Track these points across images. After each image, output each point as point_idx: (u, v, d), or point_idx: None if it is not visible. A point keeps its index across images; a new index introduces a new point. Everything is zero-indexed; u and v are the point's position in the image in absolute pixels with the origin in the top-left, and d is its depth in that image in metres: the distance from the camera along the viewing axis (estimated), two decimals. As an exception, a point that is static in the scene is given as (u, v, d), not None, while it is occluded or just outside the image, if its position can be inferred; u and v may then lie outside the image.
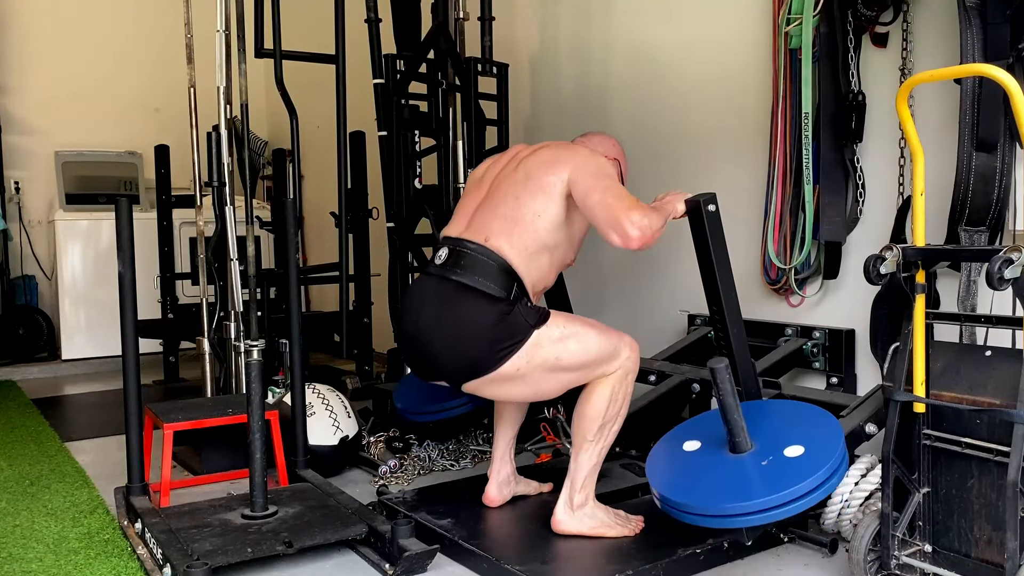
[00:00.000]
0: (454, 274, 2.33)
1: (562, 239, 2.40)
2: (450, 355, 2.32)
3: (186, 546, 2.30)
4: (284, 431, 3.00)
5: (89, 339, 5.70)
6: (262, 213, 5.30)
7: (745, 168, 3.24)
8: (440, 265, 2.39)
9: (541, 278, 2.42)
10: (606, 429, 2.36)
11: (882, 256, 2.03)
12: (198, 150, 4.00)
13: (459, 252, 2.36)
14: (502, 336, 2.26)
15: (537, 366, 2.29)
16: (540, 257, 2.37)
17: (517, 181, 2.40)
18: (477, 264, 2.32)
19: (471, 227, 2.41)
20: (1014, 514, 1.82)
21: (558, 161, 2.38)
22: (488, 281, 2.30)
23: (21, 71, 6.22)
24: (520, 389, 2.35)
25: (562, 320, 2.35)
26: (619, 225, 2.21)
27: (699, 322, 3.46)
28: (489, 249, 2.33)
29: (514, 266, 2.32)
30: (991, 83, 2.06)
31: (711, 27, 3.40)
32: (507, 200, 2.39)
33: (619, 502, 2.58)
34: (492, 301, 2.28)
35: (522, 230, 2.34)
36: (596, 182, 2.31)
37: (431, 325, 2.34)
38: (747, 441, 2.14)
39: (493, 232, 2.35)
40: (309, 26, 4.42)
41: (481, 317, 2.27)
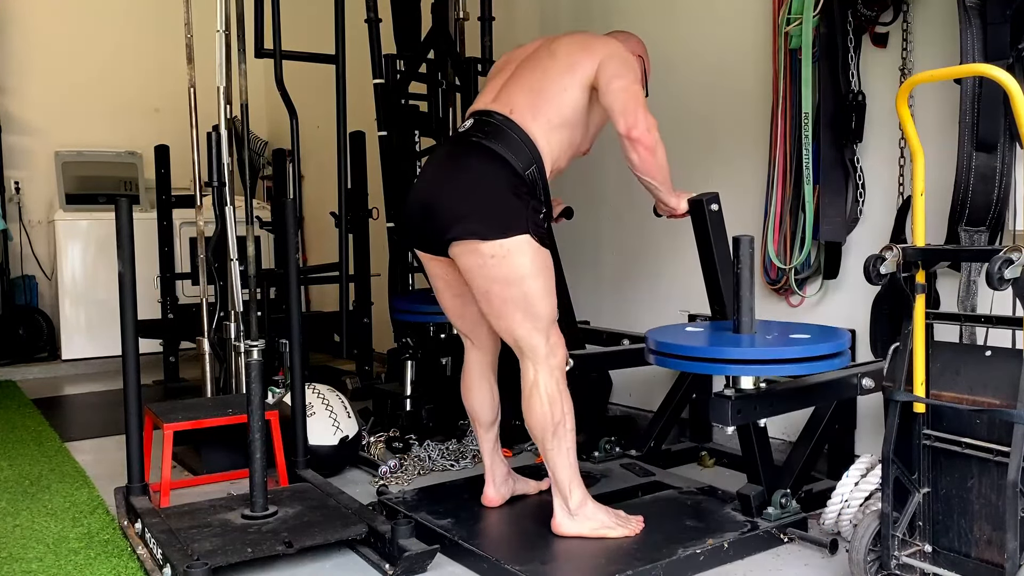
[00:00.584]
0: (476, 137, 2.37)
1: (581, 121, 2.44)
2: (451, 202, 2.33)
3: (186, 546, 2.29)
4: (284, 431, 3.00)
5: (89, 339, 5.70)
6: (262, 213, 5.29)
7: (745, 168, 3.24)
8: (463, 132, 2.43)
9: (560, 154, 2.44)
10: (559, 430, 2.35)
11: (882, 256, 2.03)
12: (198, 150, 4.00)
13: (484, 121, 2.40)
14: (504, 210, 2.28)
15: (505, 266, 2.28)
16: (561, 132, 2.41)
17: (544, 59, 2.45)
18: (500, 133, 2.35)
19: (497, 100, 2.44)
20: (1014, 514, 1.82)
21: (590, 46, 2.43)
22: (509, 151, 2.32)
23: (21, 71, 6.22)
24: (479, 279, 2.32)
25: (545, 262, 2.34)
26: (632, 114, 2.30)
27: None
28: (513, 121, 2.36)
29: (536, 141, 2.35)
30: (991, 83, 2.06)
31: (711, 27, 3.40)
32: (535, 73, 2.43)
33: (619, 502, 2.58)
34: (509, 171, 2.31)
35: (546, 101, 2.38)
36: (626, 72, 2.38)
37: (443, 179, 2.38)
38: (752, 323, 2.17)
39: (518, 105, 2.39)
40: (309, 26, 4.42)
41: (494, 179, 2.31)
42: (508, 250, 2.27)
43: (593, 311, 3.87)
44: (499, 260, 2.27)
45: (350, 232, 4.07)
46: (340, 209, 3.75)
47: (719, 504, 2.60)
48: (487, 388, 2.64)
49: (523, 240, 2.28)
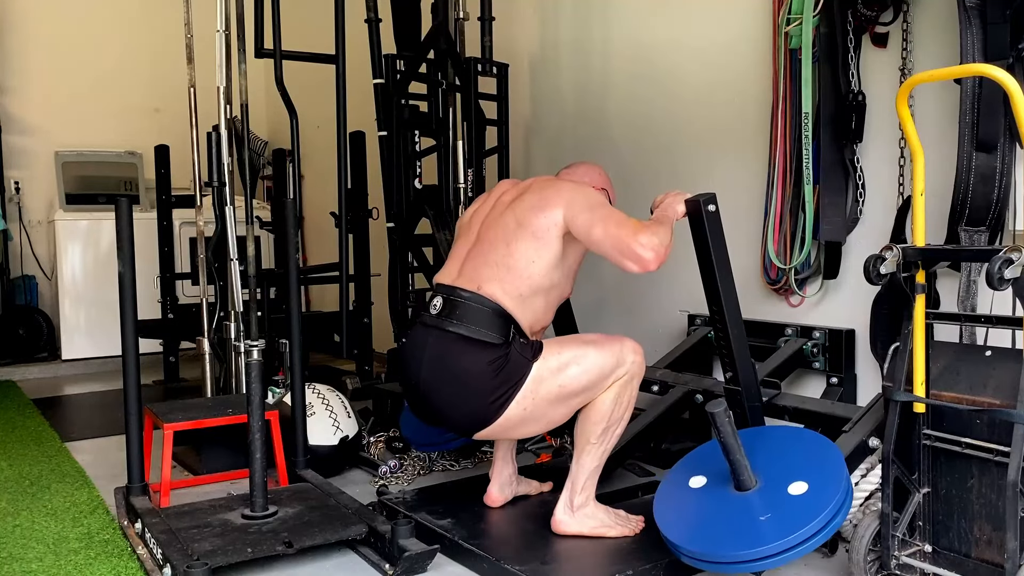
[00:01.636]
0: (450, 324, 2.33)
1: (558, 278, 2.40)
2: (455, 409, 2.34)
3: (186, 546, 2.29)
4: (284, 431, 3.00)
5: (89, 339, 5.70)
6: (262, 213, 5.30)
7: (745, 168, 3.25)
8: (436, 315, 2.39)
9: (537, 320, 2.42)
10: (609, 432, 2.36)
11: (882, 256, 2.03)
12: (198, 150, 4.00)
13: (453, 301, 2.36)
14: (503, 380, 2.28)
15: (542, 400, 2.30)
16: (535, 300, 2.37)
17: (508, 227, 2.39)
18: (471, 312, 2.32)
19: (463, 274, 2.41)
20: (1014, 514, 1.82)
21: (547, 203, 2.36)
22: (484, 328, 2.30)
23: (21, 71, 6.22)
24: (532, 426, 2.38)
25: (556, 347, 2.35)
26: (631, 252, 2.21)
27: (699, 322, 3.46)
28: (483, 296, 2.33)
29: (508, 310, 2.33)
30: (991, 83, 2.06)
31: (711, 27, 3.40)
32: (497, 247, 2.38)
33: (619, 502, 2.58)
34: (489, 348, 2.29)
35: (515, 276, 2.34)
36: (592, 215, 2.29)
37: (433, 378, 2.36)
38: (751, 479, 2.15)
39: (484, 279, 2.35)
40: (309, 26, 4.42)
41: (481, 364, 2.29)
42: (531, 395, 2.29)
43: (593, 311, 3.87)
44: (533, 405, 2.30)
45: (350, 232, 4.07)
46: (340, 209, 3.75)
47: (719, 504, 2.59)
48: None
49: (532, 375, 2.29)
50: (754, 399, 2.53)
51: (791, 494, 2.09)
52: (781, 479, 2.15)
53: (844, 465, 2.13)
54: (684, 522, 2.21)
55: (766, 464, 2.20)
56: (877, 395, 2.52)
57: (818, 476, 2.11)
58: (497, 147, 3.95)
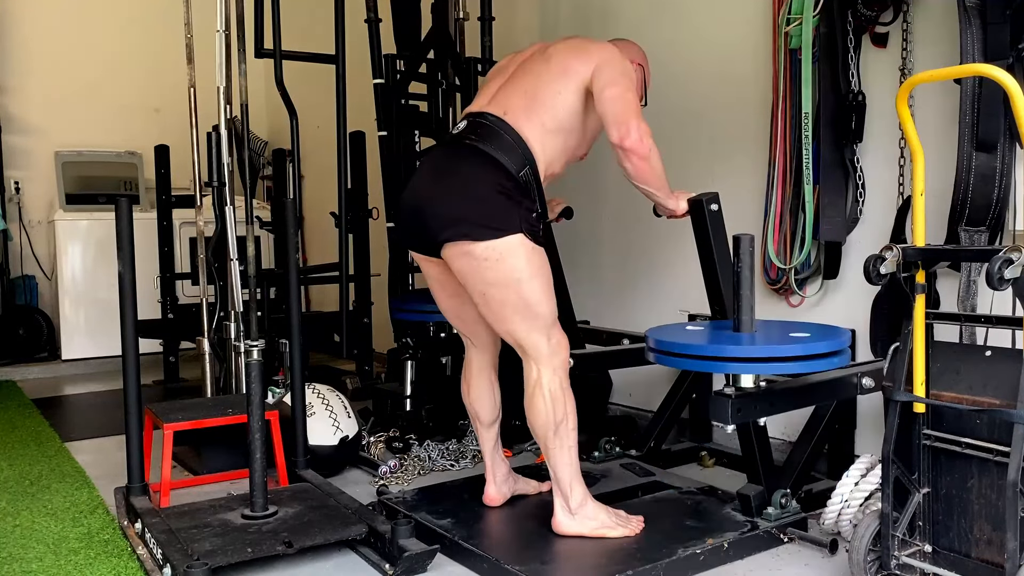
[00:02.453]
0: (469, 139, 2.36)
1: (576, 126, 2.42)
2: (444, 204, 2.32)
3: (186, 546, 2.29)
4: (284, 431, 3.00)
5: (89, 339, 5.70)
6: (262, 213, 5.30)
7: (745, 168, 3.25)
8: (456, 134, 2.42)
9: (554, 158, 2.42)
10: (561, 429, 2.35)
11: (882, 256, 2.03)
12: (198, 150, 4.00)
13: (477, 123, 2.39)
14: (496, 211, 2.27)
15: (501, 268, 2.27)
16: (555, 137, 2.39)
17: (540, 64, 2.44)
18: (493, 134, 2.34)
19: (492, 102, 2.43)
20: (1014, 514, 1.82)
21: (586, 51, 2.41)
22: (502, 153, 2.31)
23: (21, 71, 6.22)
24: (474, 281, 2.31)
25: (541, 261, 2.33)
26: (626, 123, 2.26)
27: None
28: (507, 123, 2.35)
29: (529, 143, 2.34)
30: (991, 83, 2.06)
31: (711, 27, 3.40)
32: (529, 77, 2.42)
33: (619, 502, 2.58)
34: (501, 172, 2.30)
35: (540, 105, 2.37)
36: (621, 79, 2.35)
37: (436, 181, 2.36)
38: (752, 322, 2.16)
39: (512, 107, 2.38)
40: (309, 26, 4.42)
41: (486, 181, 2.29)
42: (501, 252, 2.26)
43: (593, 311, 3.87)
44: (493, 263, 2.26)
45: (350, 232, 4.06)
46: (340, 209, 3.75)
47: (719, 504, 2.60)
48: (487, 387, 2.64)
49: (516, 241, 2.26)
50: (754, 399, 2.53)
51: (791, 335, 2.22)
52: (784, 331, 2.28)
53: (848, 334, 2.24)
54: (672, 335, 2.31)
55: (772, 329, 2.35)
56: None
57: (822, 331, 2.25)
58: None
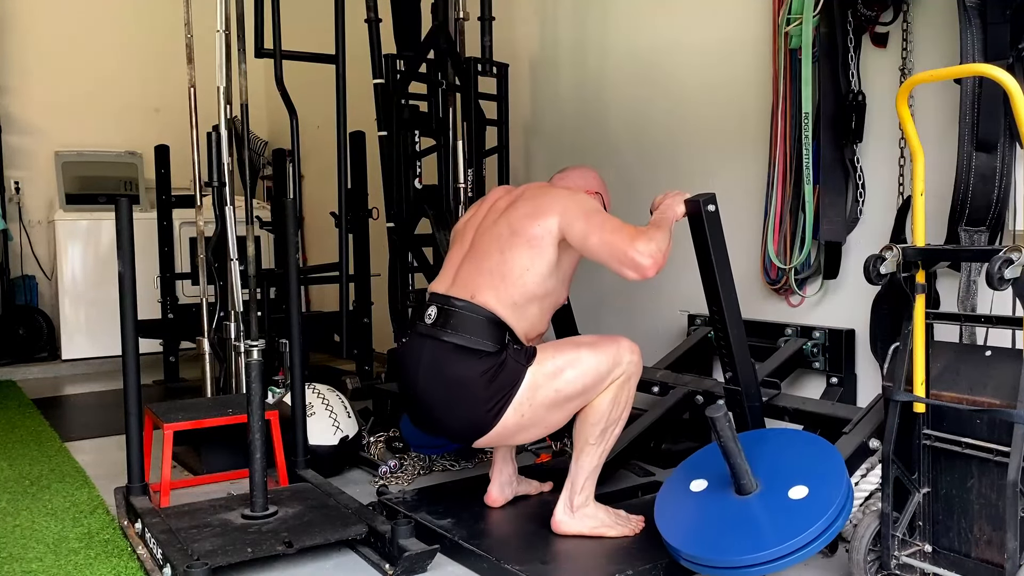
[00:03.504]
0: (445, 334, 2.33)
1: (553, 285, 2.39)
2: (452, 417, 2.34)
3: (186, 546, 2.29)
4: (284, 431, 3.00)
5: (89, 339, 5.70)
6: (262, 213, 5.30)
7: (745, 168, 3.24)
8: (430, 325, 2.38)
9: (533, 327, 2.41)
10: (608, 432, 2.36)
11: (882, 256, 2.03)
12: (198, 150, 3.99)
13: (447, 310, 2.36)
14: (498, 387, 2.28)
15: (539, 406, 2.30)
16: (529, 308, 2.37)
17: (501, 235, 2.38)
18: (466, 321, 2.32)
19: (456, 283, 2.41)
20: (1014, 514, 1.82)
21: (541, 211, 2.35)
22: (478, 337, 2.30)
23: (21, 71, 6.22)
24: (530, 432, 2.37)
25: (551, 351, 2.34)
26: (629, 260, 2.19)
27: (699, 322, 3.46)
28: (476, 304, 2.33)
29: (503, 318, 2.32)
30: (991, 83, 2.06)
31: (711, 27, 3.40)
32: (491, 255, 2.37)
33: (619, 502, 2.58)
34: (484, 356, 2.29)
35: (509, 284, 2.33)
36: (588, 222, 2.28)
37: (430, 390, 2.36)
38: (752, 483, 2.14)
39: (478, 287, 2.35)
40: (309, 26, 4.41)
41: (476, 373, 2.28)
42: (527, 399, 2.29)
43: (593, 312, 3.87)
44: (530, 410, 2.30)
45: (350, 232, 4.07)
46: (340, 209, 3.75)
47: (719, 504, 2.59)
48: None
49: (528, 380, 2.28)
50: (754, 399, 2.53)
51: (792, 498, 2.09)
52: (782, 483, 2.15)
53: (844, 468, 2.13)
54: (684, 525, 2.20)
55: (767, 467, 2.20)
56: (877, 396, 2.52)
57: (818, 480, 2.11)
58: (497, 147, 3.95)
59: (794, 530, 2.00)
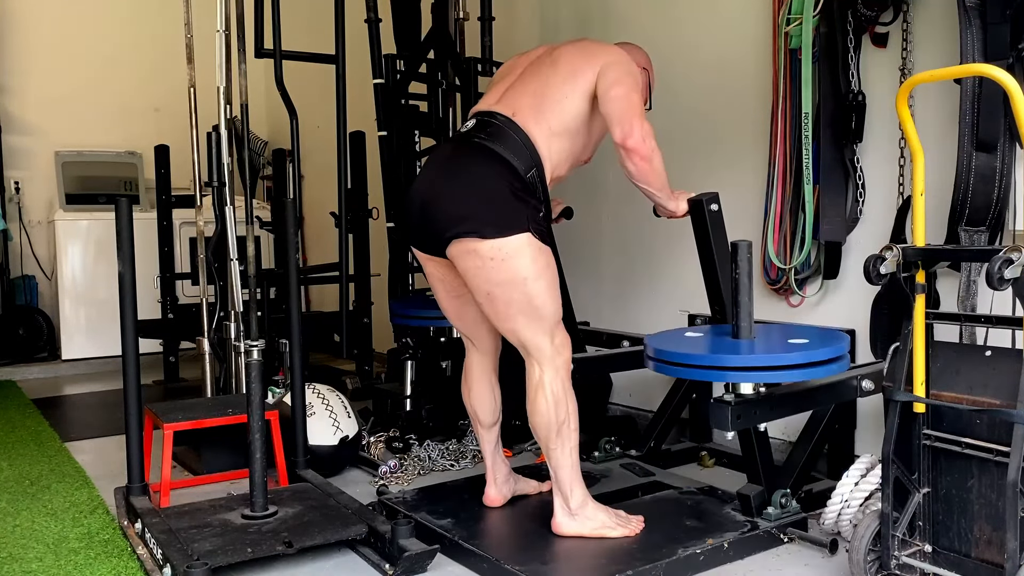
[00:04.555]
0: (478, 138, 2.36)
1: (582, 129, 2.43)
2: (451, 201, 2.32)
3: (186, 546, 2.30)
4: (284, 431, 3.00)
5: (89, 339, 5.70)
6: (262, 213, 5.30)
7: (745, 168, 3.24)
8: (465, 132, 2.42)
9: (560, 162, 2.43)
10: (563, 430, 2.35)
11: (882, 256, 2.03)
12: (198, 150, 3.99)
13: (486, 122, 2.39)
14: (504, 210, 2.27)
15: (507, 268, 2.26)
16: (562, 140, 2.40)
17: (548, 65, 2.45)
18: (502, 134, 2.35)
19: (501, 102, 2.43)
20: (1014, 514, 1.82)
21: (593, 53, 2.43)
22: (511, 153, 2.32)
23: (21, 71, 6.22)
24: (479, 280, 2.30)
25: (547, 260, 2.33)
26: (628, 122, 2.28)
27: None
28: (515, 123, 2.36)
29: (537, 145, 2.35)
30: (991, 83, 2.06)
31: (711, 27, 3.40)
32: (537, 79, 2.43)
33: (619, 502, 2.58)
34: (509, 172, 2.30)
35: (548, 107, 2.38)
36: (626, 79, 2.36)
37: (444, 178, 2.36)
38: (751, 327, 2.16)
39: (521, 107, 2.38)
40: (309, 26, 4.42)
41: (494, 179, 2.30)
42: (508, 251, 2.25)
43: (593, 311, 3.87)
44: (499, 262, 2.26)
45: (350, 232, 4.07)
46: (340, 209, 3.75)
47: (719, 504, 2.60)
48: (488, 388, 2.64)
49: (523, 240, 2.26)
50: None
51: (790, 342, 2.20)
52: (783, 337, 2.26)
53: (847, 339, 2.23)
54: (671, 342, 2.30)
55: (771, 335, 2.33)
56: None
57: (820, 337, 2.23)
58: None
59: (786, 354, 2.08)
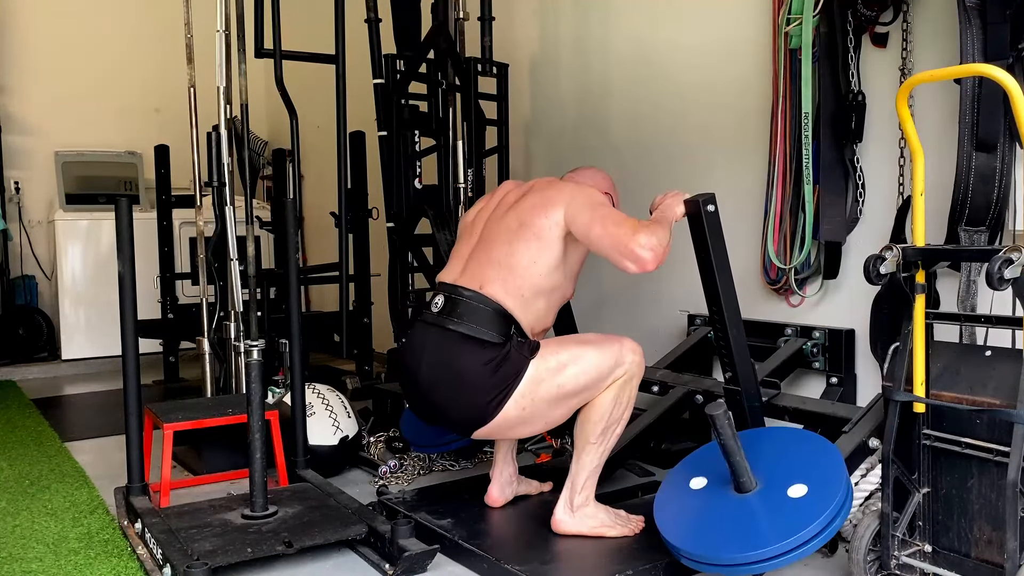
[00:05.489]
0: (451, 323, 2.33)
1: (559, 279, 2.40)
2: (453, 407, 2.34)
3: (186, 546, 2.30)
4: (284, 431, 3.00)
5: (89, 339, 5.70)
6: (262, 213, 5.30)
7: (745, 168, 3.24)
8: (437, 313, 2.39)
9: (539, 320, 2.42)
10: (609, 432, 2.36)
11: (882, 256, 2.03)
12: (198, 150, 4.00)
13: (454, 300, 2.37)
14: (501, 379, 2.28)
15: (540, 401, 2.30)
16: (536, 302, 2.38)
17: (510, 227, 2.39)
18: (473, 311, 2.32)
19: (465, 273, 2.41)
20: (1014, 514, 1.82)
21: (549, 203, 2.37)
22: (484, 328, 2.30)
23: (21, 71, 6.22)
24: (530, 426, 2.37)
25: (555, 347, 2.34)
26: (629, 252, 2.20)
27: (699, 322, 3.45)
28: (484, 295, 2.33)
29: (510, 310, 2.33)
30: (991, 83, 2.06)
31: (711, 27, 3.40)
32: (500, 247, 2.38)
33: (619, 502, 2.58)
34: (488, 346, 2.29)
35: (517, 276, 2.34)
36: (593, 214, 2.30)
37: (432, 377, 2.36)
38: (751, 481, 2.15)
39: (488, 279, 2.36)
40: (309, 26, 4.42)
41: (479, 363, 2.29)
42: (528, 393, 2.28)
43: (593, 312, 3.87)
44: (531, 404, 2.29)
45: (350, 232, 4.07)
46: (340, 209, 3.75)
47: (719, 504, 2.59)
48: None
49: (531, 373, 2.28)
50: (753, 399, 2.53)
51: (791, 497, 2.09)
52: (781, 481, 2.15)
53: (844, 467, 2.13)
54: (684, 524, 2.20)
55: (766, 466, 2.20)
56: (877, 395, 2.52)
57: (818, 479, 2.11)
58: (497, 147, 3.95)
59: (793, 528, 2.00)
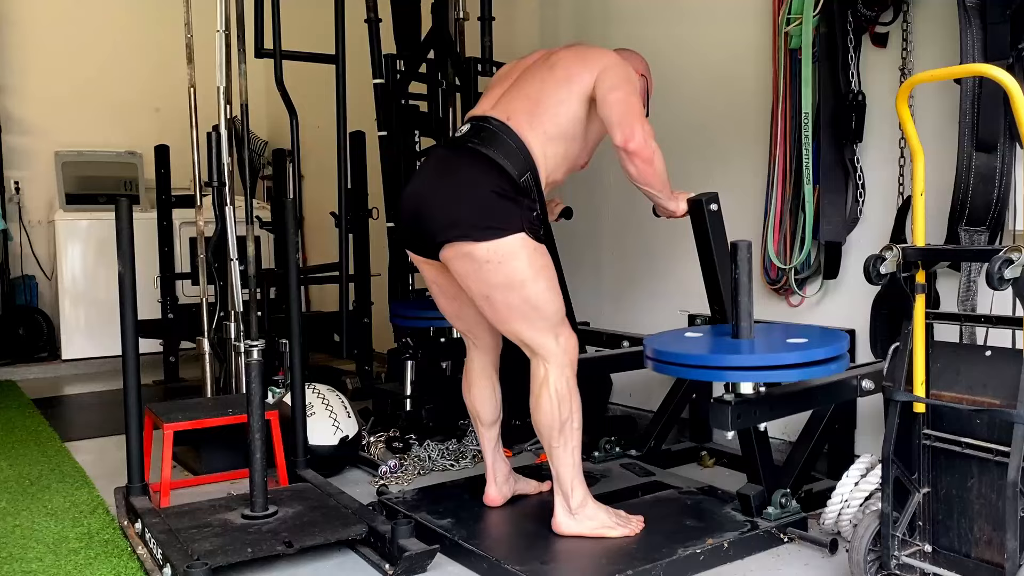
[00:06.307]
0: (471, 143, 2.35)
1: (579, 134, 2.42)
2: (444, 206, 2.31)
3: (186, 546, 2.30)
4: (284, 431, 3.00)
5: (89, 339, 5.70)
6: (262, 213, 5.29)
7: (745, 168, 3.25)
8: (458, 137, 2.42)
9: (556, 167, 2.41)
10: (566, 428, 2.34)
11: (882, 256, 2.03)
12: (198, 150, 4.00)
13: (480, 126, 2.38)
14: (496, 212, 2.26)
15: (504, 271, 2.25)
16: (557, 144, 2.39)
17: (545, 70, 2.43)
18: (495, 138, 2.34)
19: (496, 107, 2.43)
20: (1014, 514, 1.82)
21: (590, 57, 2.41)
22: (504, 157, 2.31)
23: (21, 71, 6.22)
24: (476, 284, 2.30)
25: (544, 260, 2.33)
26: (629, 125, 2.26)
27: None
28: (510, 127, 2.34)
29: (531, 149, 2.33)
30: (991, 83, 2.06)
31: (711, 27, 3.40)
32: (533, 83, 2.42)
33: (619, 502, 2.58)
34: (502, 176, 2.29)
35: (543, 112, 2.36)
36: (624, 84, 2.35)
37: (436, 182, 2.36)
38: (751, 329, 2.16)
39: (516, 112, 2.37)
40: (309, 26, 4.42)
41: (486, 183, 2.28)
42: (503, 254, 2.24)
43: (594, 312, 3.87)
44: (495, 265, 2.25)
45: (350, 232, 4.06)
46: (340, 209, 3.75)
47: (719, 504, 2.60)
48: (489, 387, 2.64)
49: (518, 241, 2.25)
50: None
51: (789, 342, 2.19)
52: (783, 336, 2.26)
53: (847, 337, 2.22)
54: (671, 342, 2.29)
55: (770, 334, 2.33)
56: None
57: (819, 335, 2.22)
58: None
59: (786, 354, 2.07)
